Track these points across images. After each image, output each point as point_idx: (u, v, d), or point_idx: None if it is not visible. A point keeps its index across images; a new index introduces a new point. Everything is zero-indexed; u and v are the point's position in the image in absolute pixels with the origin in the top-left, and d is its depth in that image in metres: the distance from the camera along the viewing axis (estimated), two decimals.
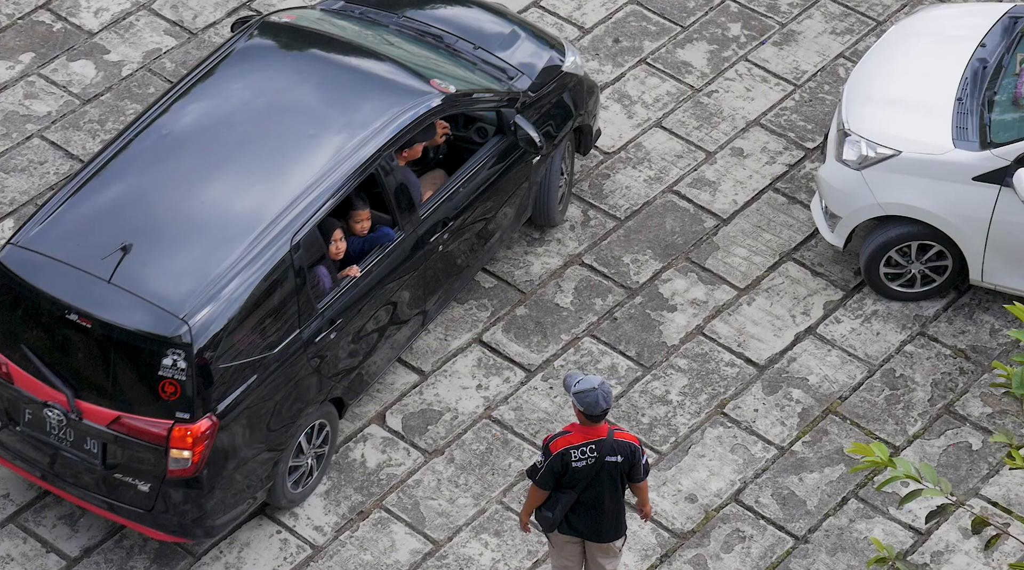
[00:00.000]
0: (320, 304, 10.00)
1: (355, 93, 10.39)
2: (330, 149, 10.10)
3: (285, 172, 9.97)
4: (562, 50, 11.59)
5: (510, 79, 11.21)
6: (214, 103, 10.31)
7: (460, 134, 11.21)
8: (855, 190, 11.12)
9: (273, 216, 9.79)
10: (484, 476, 10.60)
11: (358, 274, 10.21)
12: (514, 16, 11.79)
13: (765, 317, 11.39)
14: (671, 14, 13.01)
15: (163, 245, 9.65)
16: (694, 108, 12.49)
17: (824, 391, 11.05)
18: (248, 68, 10.50)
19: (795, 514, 10.49)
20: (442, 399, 10.96)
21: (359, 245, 10.43)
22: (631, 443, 9.21)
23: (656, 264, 11.65)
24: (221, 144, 10.10)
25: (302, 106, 10.29)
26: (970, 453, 10.78)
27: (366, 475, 10.61)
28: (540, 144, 10.92)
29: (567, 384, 9.15)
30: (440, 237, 10.66)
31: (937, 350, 11.27)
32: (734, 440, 10.80)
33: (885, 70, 11.45)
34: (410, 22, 11.45)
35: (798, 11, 13.07)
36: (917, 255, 11.21)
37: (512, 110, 10.94)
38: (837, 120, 11.41)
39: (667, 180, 12.10)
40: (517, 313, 11.38)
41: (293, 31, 10.81)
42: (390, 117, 10.29)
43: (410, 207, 10.45)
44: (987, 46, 11.40)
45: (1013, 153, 10.75)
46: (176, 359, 9.37)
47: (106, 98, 12.42)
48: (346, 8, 11.56)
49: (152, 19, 12.85)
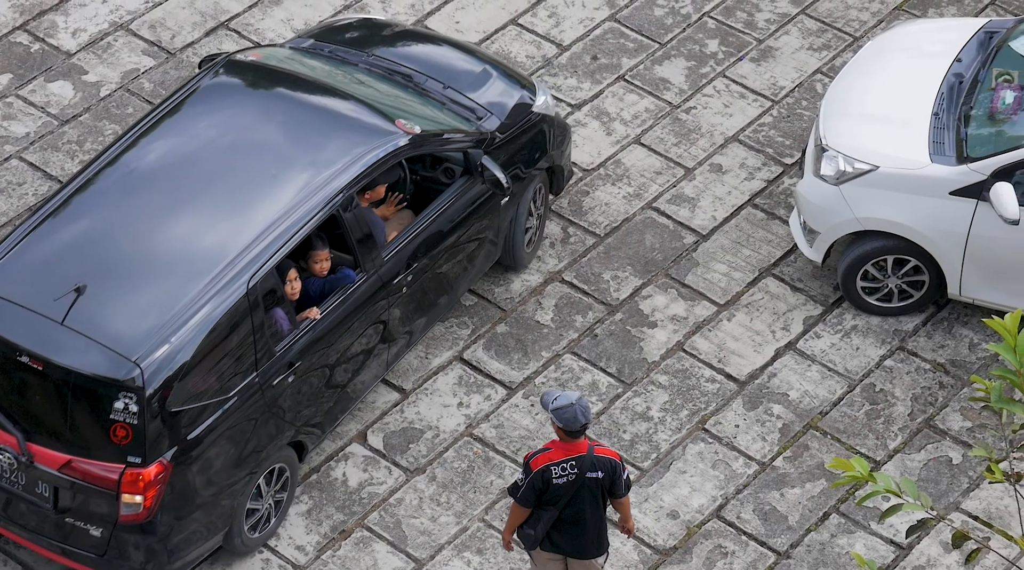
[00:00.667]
0: (278, 347, 9.88)
1: (318, 133, 10.30)
2: (291, 189, 9.99)
3: (244, 213, 9.86)
4: (533, 90, 11.49)
5: (479, 119, 11.10)
6: (175, 142, 10.22)
7: (427, 174, 11.07)
8: (833, 205, 11.15)
9: (230, 257, 9.68)
10: (466, 494, 10.60)
11: (317, 316, 10.08)
12: (485, 55, 11.72)
13: (745, 333, 11.41)
14: (649, 31, 13.05)
15: (118, 286, 9.55)
16: (672, 125, 12.52)
17: (805, 406, 11.07)
18: (212, 106, 10.41)
19: (777, 529, 10.50)
20: (423, 417, 10.96)
21: (320, 286, 10.29)
22: (611, 458, 9.21)
23: (636, 280, 11.67)
24: (181, 183, 10.01)
25: (264, 145, 10.19)
26: (950, 467, 10.81)
27: (348, 494, 10.60)
28: (507, 186, 10.85)
29: (545, 402, 9.15)
30: (404, 279, 10.53)
31: (917, 364, 11.29)
32: (715, 456, 10.81)
33: (862, 85, 11.49)
34: (380, 61, 11.34)
35: (775, 27, 13.11)
36: (893, 269, 11.24)
37: (479, 151, 10.84)
38: (815, 135, 11.45)
39: (646, 196, 12.12)
40: (498, 331, 11.39)
41: (259, 70, 10.71)
42: (353, 157, 10.20)
43: (372, 248, 10.34)
44: (963, 61, 11.45)
45: (990, 167, 10.80)
46: (128, 403, 9.26)
47: (84, 119, 12.41)
48: (315, 46, 11.45)
49: (130, 39, 12.84)
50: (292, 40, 11.65)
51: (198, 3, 13.07)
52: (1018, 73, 11.24)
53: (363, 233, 10.27)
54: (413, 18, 13.05)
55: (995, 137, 10.96)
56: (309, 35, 11.68)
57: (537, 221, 11.53)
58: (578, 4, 13.20)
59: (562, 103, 12.60)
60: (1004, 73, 11.26)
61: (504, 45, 12.92)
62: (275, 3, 13.10)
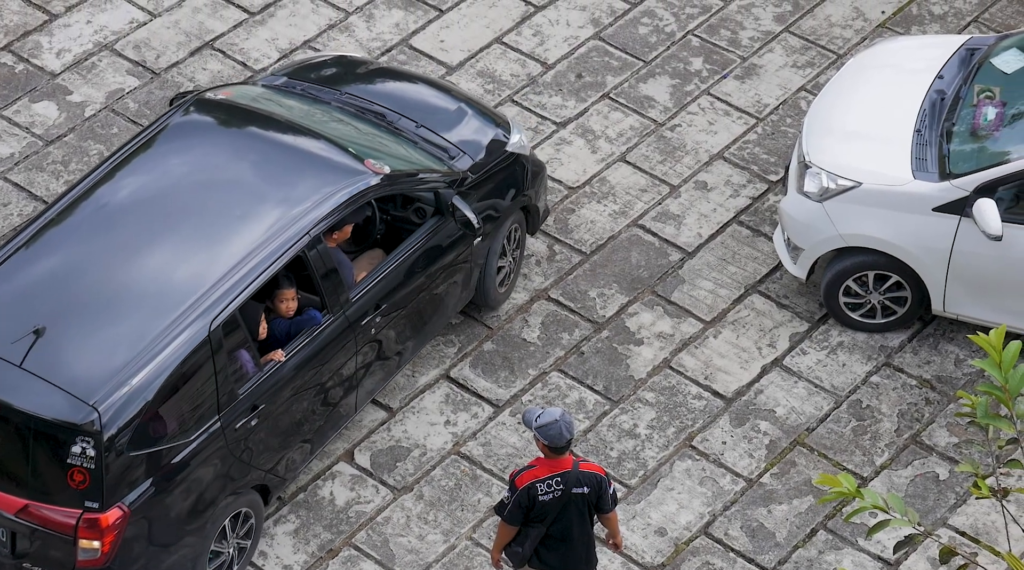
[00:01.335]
0: (242, 389, 9.73)
1: (286, 172, 10.17)
2: (256, 230, 9.87)
3: (208, 253, 9.73)
4: (507, 128, 11.37)
5: (451, 158, 10.98)
6: (141, 180, 10.09)
7: (399, 214, 10.93)
8: (817, 222, 11.18)
9: (193, 299, 9.55)
10: (453, 512, 10.59)
11: (282, 359, 9.94)
12: (460, 92, 11.60)
13: (732, 349, 11.42)
14: (633, 49, 13.08)
15: (79, 327, 9.41)
16: (657, 142, 12.54)
17: (791, 423, 11.08)
18: (179, 145, 10.28)
19: (764, 546, 10.50)
20: (410, 435, 10.95)
21: (285, 328, 10.13)
22: (597, 474, 9.22)
23: (622, 298, 11.68)
24: (145, 222, 9.88)
25: (231, 185, 10.07)
26: (937, 483, 10.82)
27: (335, 513, 10.58)
28: (478, 226, 10.70)
29: (527, 420, 9.15)
30: (372, 320, 10.38)
31: (903, 381, 11.31)
32: (703, 473, 10.81)
33: (845, 102, 11.53)
34: (352, 99, 11.22)
35: (759, 45, 13.15)
36: (875, 285, 11.26)
37: (451, 191, 10.69)
38: (798, 152, 11.48)
39: (632, 214, 12.14)
40: (484, 348, 11.39)
41: (228, 108, 10.58)
42: (321, 197, 10.07)
43: (339, 289, 10.18)
44: (945, 78, 11.49)
45: (972, 184, 10.82)
46: (85, 447, 9.12)
47: (69, 139, 12.41)
48: (288, 84, 11.33)
49: (115, 59, 12.84)
50: (264, 77, 11.54)
51: (183, 23, 13.08)
52: (999, 89, 11.27)
53: (329, 274, 10.12)
54: (398, 37, 13.08)
55: (977, 153, 10.99)
56: (282, 72, 11.56)
57: (512, 261, 11.37)
58: (563, 22, 13.23)
59: (547, 121, 12.63)
60: (986, 89, 11.30)
61: (489, 63, 12.94)
62: (260, 23, 13.12)
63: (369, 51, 12.97)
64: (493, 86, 12.80)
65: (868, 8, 13.37)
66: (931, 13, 13.34)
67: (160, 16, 13.12)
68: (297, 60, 11.87)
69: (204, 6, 13.18)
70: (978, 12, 13.34)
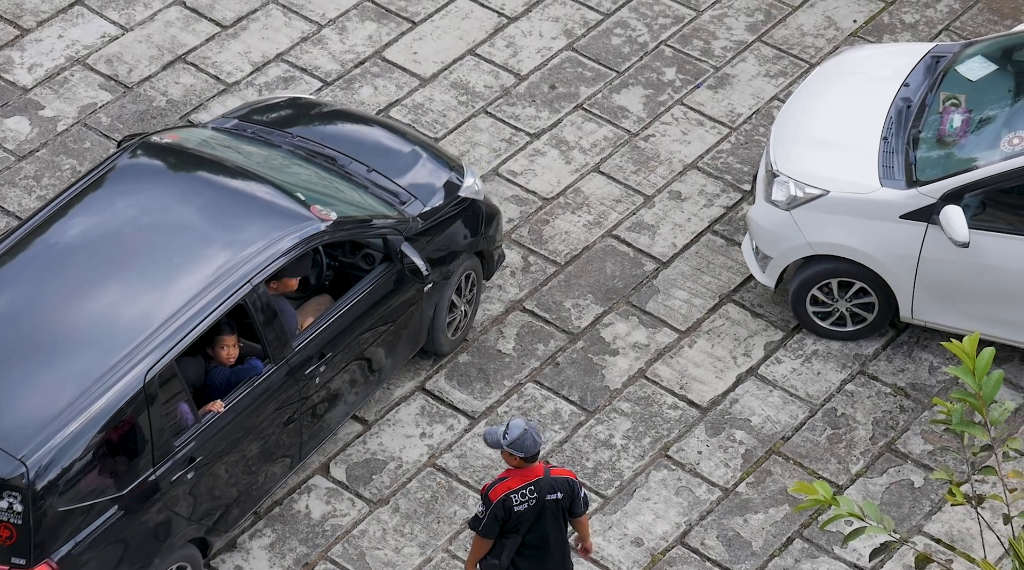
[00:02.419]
0: (178, 441, 9.49)
1: (229, 218, 9.97)
2: (197, 277, 9.65)
3: (146, 301, 9.51)
4: (461, 172, 11.16)
5: (402, 203, 10.76)
6: (82, 226, 9.87)
7: (347, 260, 10.68)
8: (785, 230, 11.20)
9: (129, 348, 9.31)
10: (430, 525, 10.57)
11: (221, 410, 9.70)
12: (414, 135, 11.40)
13: (707, 359, 11.44)
14: (606, 60, 13.09)
15: (8, 377, 9.19)
16: (631, 152, 12.56)
17: (767, 432, 11.09)
18: (122, 189, 10.06)
19: (741, 555, 10.51)
20: (386, 448, 10.93)
21: (226, 377, 9.90)
22: (568, 478, 9.25)
23: (597, 308, 11.68)
24: (84, 269, 9.66)
25: (173, 231, 9.87)
26: (912, 490, 10.84)
27: (311, 526, 10.56)
28: (426, 273, 10.50)
29: (492, 441, 9.11)
30: (317, 370, 10.15)
31: (877, 388, 11.33)
32: (678, 483, 10.82)
33: (811, 111, 11.56)
34: (304, 142, 11.00)
35: (732, 55, 13.18)
36: (840, 293, 11.29)
37: (400, 237, 10.47)
38: (765, 161, 11.50)
39: (606, 224, 12.15)
40: (460, 360, 11.38)
41: (174, 152, 10.37)
42: (263, 244, 9.85)
43: (282, 338, 9.94)
44: (911, 85, 11.53)
45: (939, 191, 10.86)
46: (12, 501, 8.88)
47: (42, 154, 12.37)
48: (238, 127, 11.12)
49: (87, 74, 12.82)
50: (215, 120, 11.33)
51: (155, 37, 13.06)
52: (965, 97, 11.32)
53: (272, 322, 9.88)
54: (371, 49, 13.07)
55: (944, 160, 11.04)
56: (234, 114, 11.31)
57: (466, 307, 11.17)
58: (535, 34, 13.24)
59: (520, 132, 12.63)
60: (951, 97, 11.35)
61: (462, 75, 12.95)
62: (233, 36, 13.10)
63: (342, 63, 12.97)
64: (466, 98, 12.80)
65: (840, 17, 13.41)
66: (903, 22, 13.39)
67: (132, 30, 13.09)
68: (249, 102, 11.66)
69: (176, 20, 13.17)
70: (949, 21, 13.39)
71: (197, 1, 13.29)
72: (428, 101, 12.77)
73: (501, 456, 9.37)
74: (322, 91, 12.77)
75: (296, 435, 10.22)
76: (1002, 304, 10.94)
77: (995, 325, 11.03)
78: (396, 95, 12.79)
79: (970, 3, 13.48)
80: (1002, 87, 11.30)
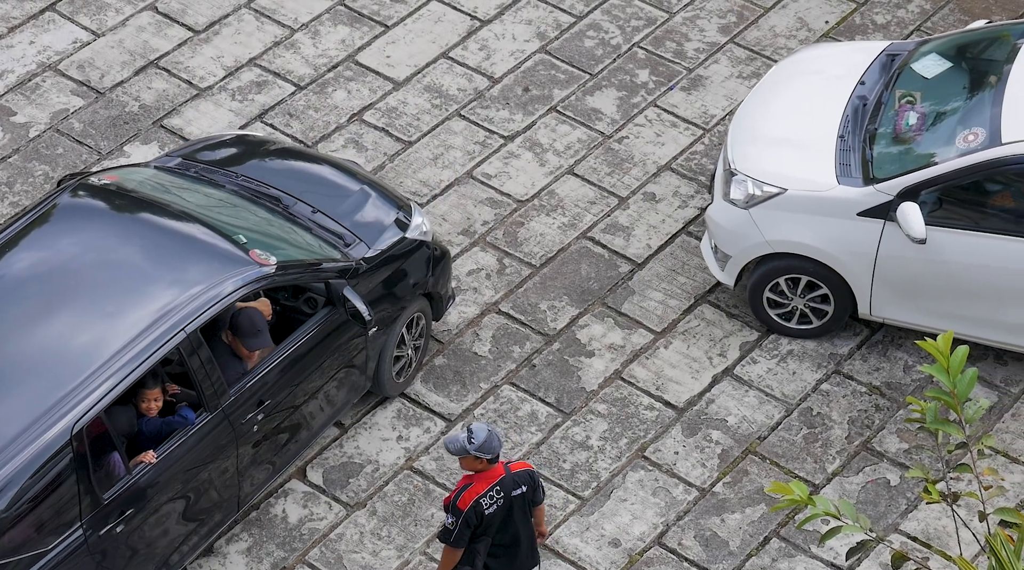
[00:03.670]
0: (107, 494, 9.22)
1: (164, 264, 9.69)
2: (128, 325, 9.36)
3: (76, 350, 9.22)
4: (409, 212, 10.93)
5: (347, 245, 10.52)
6: (12, 270, 9.59)
7: (289, 304, 10.45)
8: (743, 229, 11.24)
9: (56, 399, 9.04)
10: (407, 528, 10.57)
11: (153, 461, 9.44)
12: (363, 174, 11.15)
13: (682, 360, 11.45)
14: (579, 62, 13.11)
15: None
16: (605, 154, 12.57)
17: (743, 431, 11.12)
18: (54, 233, 9.78)
19: (718, 555, 10.52)
20: (363, 451, 10.93)
21: (157, 427, 9.62)
22: (527, 470, 9.35)
23: (573, 310, 11.69)
24: (12, 314, 9.37)
25: (104, 278, 9.58)
26: (888, 489, 10.87)
27: (288, 530, 10.55)
28: (368, 319, 10.23)
29: (457, 448, 9.06)
30: (254, 418, 9.90)
31: (853, 388, 11.36)
32: (655, 483, 10.83)
33: (768, 109, 11.61)
34: (248, 182, 10.73)
35: (704, 56, 13.20)
36: (792, 290, 11.32)
37: (342, 281, 10.21)
38: (723, 160, 11.54)
39: (581, 226, 12.16)
40: (436, 363, 11.38)
41: (111, 193, 10.09)
42: (198, 291, 9.58)
43: (218, 387, 9.67)
44: (866, 83, 11.59)
45: (896, 188, 10.91)
46: None
47: (14, 160, 12.34)
48: (182, 165, 10.84)
49: (59, 80, 12.78)
50: (159, 158, 11.07)
51: (127, 42, 13.03)
52: (920, 94, 11.38)
53: (207, 371, 9.60)
54: (344, 53, 13.06)
55: (900, 157, 11.09)
56: (178, 153, 11.06)
57: (413, 350, 10.94)
58: (508, 36, 13.25)
59: (494, 135, 12.64)
60: (907, 94, 11.41)
61: (435, 78, 12.95)
62: (205, 41, 13.08)
63: (315, 67, 12.95)
64: (440, 101, 12.81)
65: (812, 18, 13.44)
66: (874, 22, 13.43)
67: (104, 36, 13.06)
68: (196, 139, 11.47)
69: (148, 25, 13.14)
70: (920, 21, 13.44)
71: (169, 6, 13.27)
72: (402, 104, 12.77)
73: (462, 464, 9.29)
74: (295, 95, 12.76)
75: (234, 484, 9.98)
76: (959, 300, 11.00)
77: (952, 321, 11.08)
78: (369, 99, 12.79)
79: (941, 3, 13.53)
80: (957, 84, 11.36)
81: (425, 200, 12.21)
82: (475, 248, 11.97)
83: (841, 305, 11.29)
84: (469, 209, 12.19)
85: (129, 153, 12.35)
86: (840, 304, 11.28)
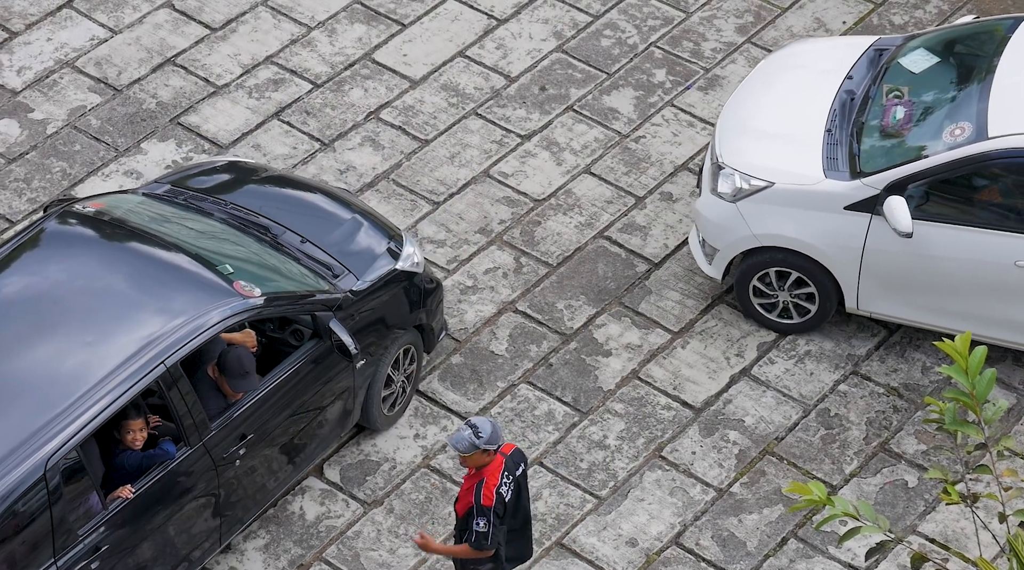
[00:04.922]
0: (82, 530, 9.02)
1: (146, 295, 9.50)
2: (107, 358, 9.15)
3: (53, 382, 9.04)
4: (401, 242, 10.73)
5: (335, 277, 10.30)
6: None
7: (275, 336, 10.26)
8: (730, 222, 11.24)
9: (30, 432, 8.86)
10: (424, 525, 10.57)
11: (130, 496, 9.22)
12: (356, 203, 10.95)
13: (700, 360, 11.44)
14: (596, 61, 13.10)
15: None
16: (622, 154, 12.56)
17: (760, 432, 11.10)
18: (37, 261, 9.62)
19: (736, 555, 10.51)
20: (380, 449, 10.93)
21: (136, 461, 9.41)
22: (516, 448, 9.41)
23: (590, 309, 11.68)
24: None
25: (85, 308, 9.39)
26: (906, 490, 10.85)
27: (305, 528, 10.55)
28: (354, 352, 10.04)
29: (466, 445, 9.03)
30: (236, 452, 9.70)
31: (870, 389, 11.34)
32: (673, 483, 10.82)
33: (756, 103, 11.61)
34: (237, 210, 10.52)
35: (721, 56, 13.18)
36: (779, 283, 11.31)
37: (329, 313, 9.99)
38: (711, 153, 11.54)
39: (598, 226, 12.15)
40: (452, 362, 11.37)
41: (95, 221, 9.91)
42: (180, 323, 9.37)
43: (200, 421, 9.49)
44: (854, 78, 11.59)
45: (882, 182, 10.91)
46: None
47: (31, 157, 12.35)
48: (170, 193, 10.65)
49: (76, 76, 12.80)
50: (147, 185, 10.87)
51: (144, 39, 13.04)
52: (908, 89, 11.38)
53: (188, 404, 9.41)
54: (361, 51, 13.06)
55: (887, 152, 11.09)
56: (167, 180, 10.87)
57: (404, 383, 10.77)
58: (525, 35, 13.24)
59: (511, 134, 12.63)
60: (894, 89, 11.40)
61: (452, 77, 12.94)
62: (222, 39, 13.09)
63: (332, 65, 12.96)
64: (457, 99, 12.80)
65: (829, 19, 13.42)
66: (892, 23, 13.40)
67: (121, 32, 13.08)
68: (187, 165, 11.35)
69: (165, 22, 13.15)
70: (939, 21, 13.41)
71: (186, 3, 13.28)
72: (418, 103, 12.77)
73: (465, 462, 9.17)
74: (312, 93, 12.76)
75: (215, 519, 9.80)
76: (945, 294, 11.01)
77: (939, 315, 11.09)
78: (386, 97, 12.79)
79: (959, 4, 13.50)
80: (944, 79, 11.36)
81: (442, 198, 12.21)
82: (492, 247, 11.97)
83: (824, 304, 11.28)
84: (486, 208, 12.19)
85: (146, 150, 12.37)
86: (823, 303, 11.27)
